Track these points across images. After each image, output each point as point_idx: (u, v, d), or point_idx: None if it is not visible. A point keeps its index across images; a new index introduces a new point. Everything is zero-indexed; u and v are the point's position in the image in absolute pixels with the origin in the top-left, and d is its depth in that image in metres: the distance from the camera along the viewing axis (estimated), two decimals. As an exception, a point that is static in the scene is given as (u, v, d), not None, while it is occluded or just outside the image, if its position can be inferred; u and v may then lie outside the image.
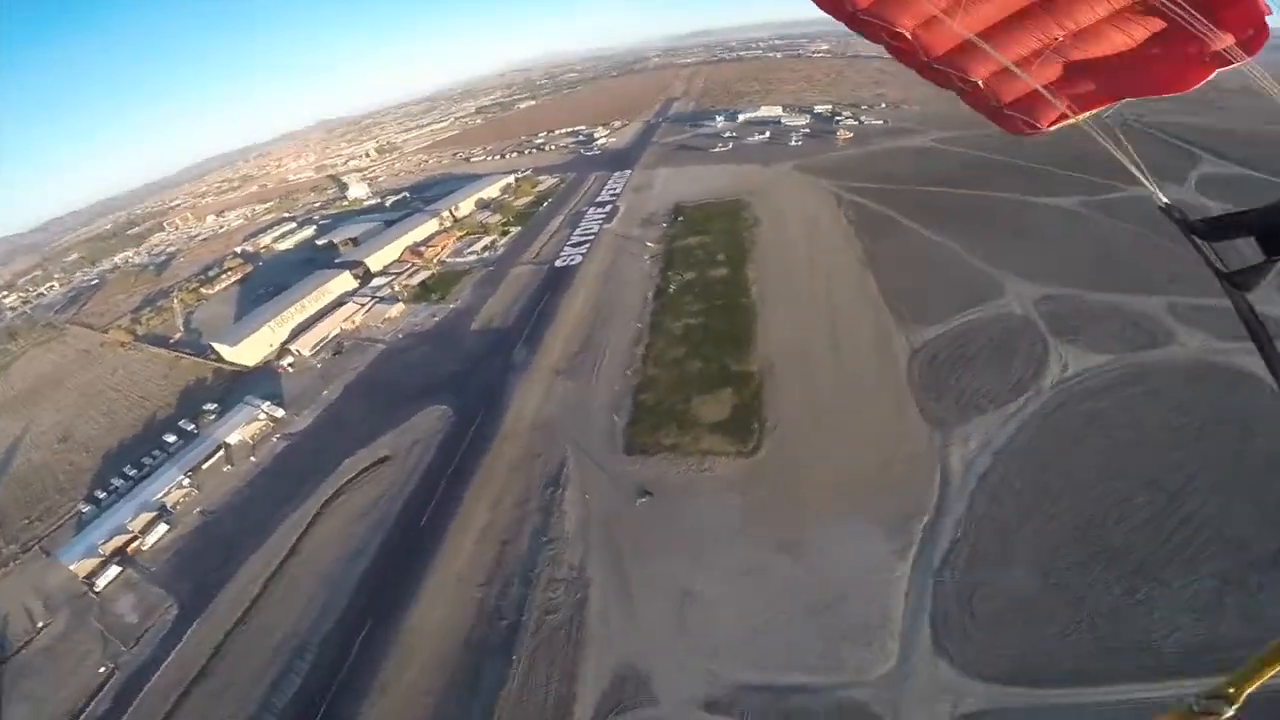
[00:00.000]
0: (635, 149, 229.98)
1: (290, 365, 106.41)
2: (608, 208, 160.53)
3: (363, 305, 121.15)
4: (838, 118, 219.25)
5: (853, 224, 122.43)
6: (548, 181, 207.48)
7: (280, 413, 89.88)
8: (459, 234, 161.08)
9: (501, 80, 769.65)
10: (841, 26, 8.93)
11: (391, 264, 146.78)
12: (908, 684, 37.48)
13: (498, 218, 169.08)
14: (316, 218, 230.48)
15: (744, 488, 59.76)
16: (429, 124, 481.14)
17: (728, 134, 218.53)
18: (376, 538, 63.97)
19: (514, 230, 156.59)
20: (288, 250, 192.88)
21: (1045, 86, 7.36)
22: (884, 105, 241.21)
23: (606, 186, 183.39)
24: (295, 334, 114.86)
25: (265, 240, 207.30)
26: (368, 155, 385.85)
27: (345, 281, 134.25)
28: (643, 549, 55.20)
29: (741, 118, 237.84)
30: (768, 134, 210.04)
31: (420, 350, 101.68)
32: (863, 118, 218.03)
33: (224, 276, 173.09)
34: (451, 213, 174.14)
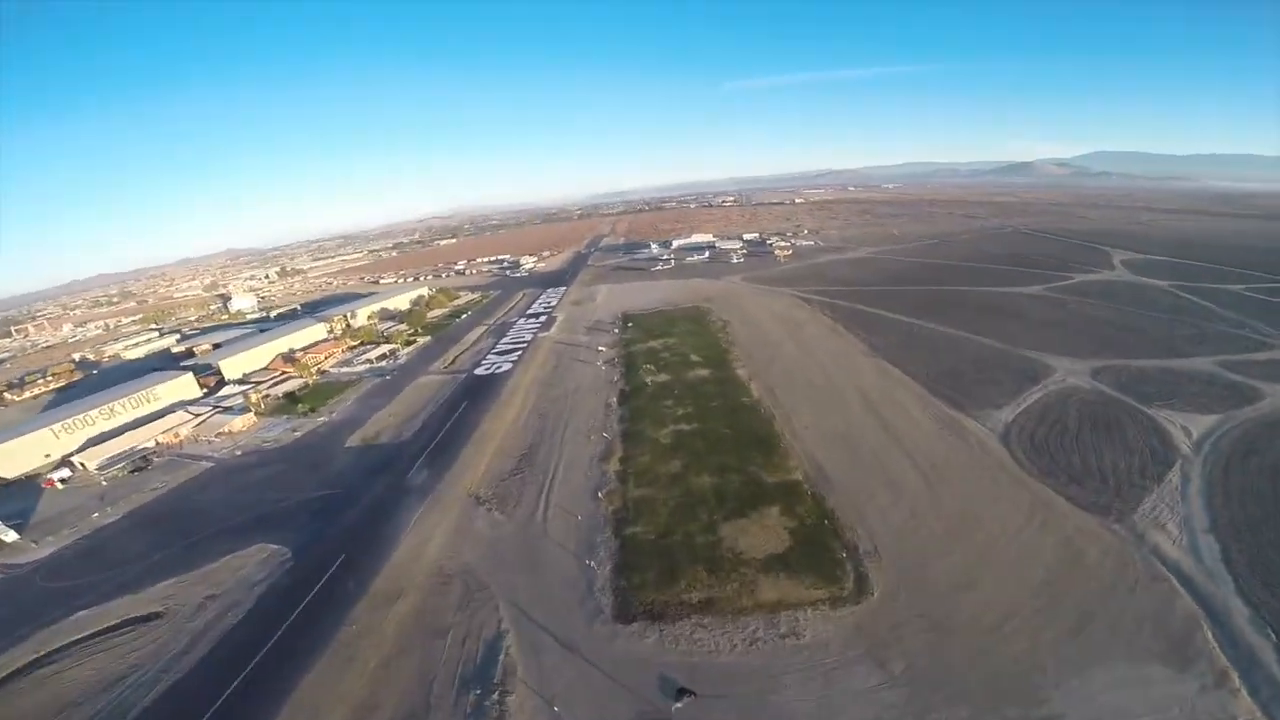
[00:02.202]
0: (568, 272, 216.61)
1: (63, 480, 71.66)
2: (543, 318, 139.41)
3: (197, 415, 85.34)
4: (768, 241, 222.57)
5: (838, 320, 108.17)
6: (468, 296, 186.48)
7: (11, 536, 57.52)
8: (351, 343, 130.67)
9: (422, 224, 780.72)
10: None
11: (256, 371, 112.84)
12: None
13: (403, 327, 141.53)
14: (186, 330, 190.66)
15: (876, 654, 32.44)
16: (340, 255, 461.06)
17: (665, 256, 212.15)
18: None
19: (422, 340, 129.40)
20: (137, 359, 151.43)
21: None
22: (805, 232, 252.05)
23: (539, 300, 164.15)
24: (90, 444, 79.69)
25: (114, 348, 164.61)
26: (268, 277, 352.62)
27: (183, 387, 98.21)
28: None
29: (675, 244, 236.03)
30: (707, 254, 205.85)
31: (264, 470, 67.74)
32: (793, 240, 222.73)
33: (41, 383, 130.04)
34: (346, 319, 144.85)
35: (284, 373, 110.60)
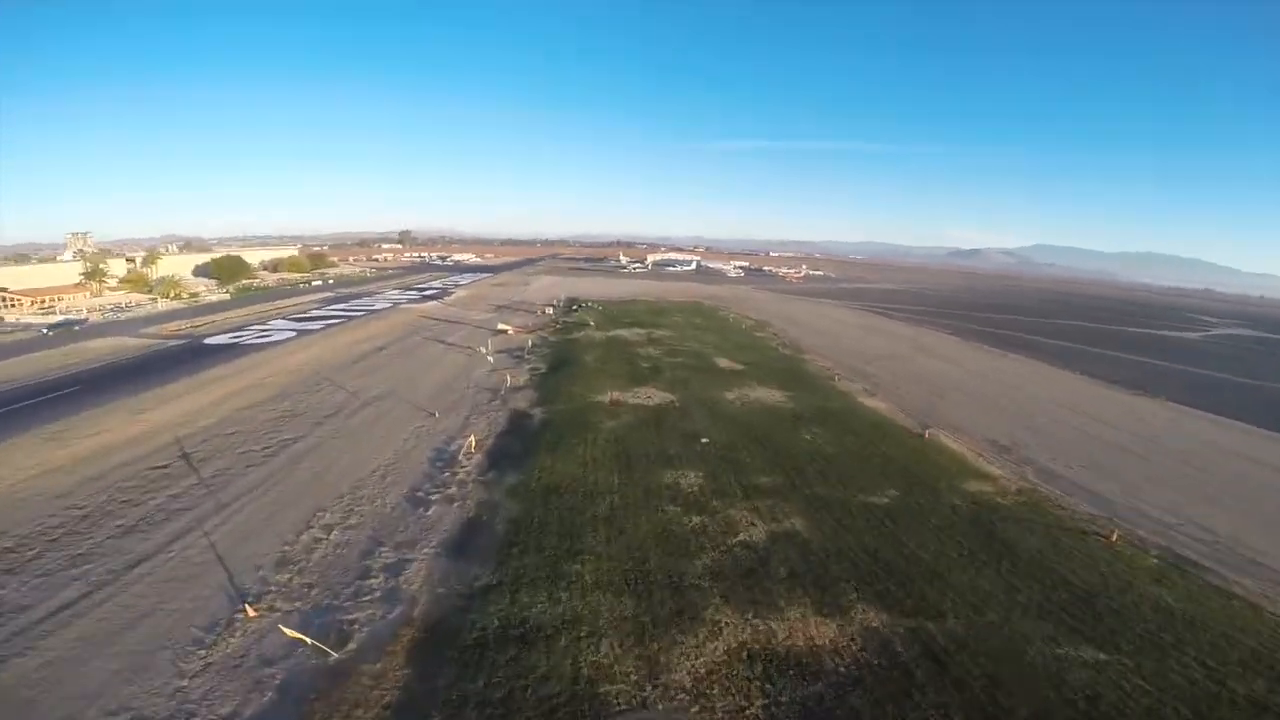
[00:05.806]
0: (508, 267, 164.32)
1: None
2: (431, 291, 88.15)
3: None
4: (766, 268, 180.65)
5: (969, 339, 61.45)
6: (350, 270, 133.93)
7: None
8: (104, 285, 76.08)
9: (378, 235, 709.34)
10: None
11: None
12: None
13: (204, 285, 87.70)
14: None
15: None
16: (269, 249, 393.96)
17: (639, 266, 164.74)
18: None
19: (214, 297, 76.80)
20: None
21: None
22: (803, 267, 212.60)
23: (447, 280, 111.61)
24: None
25: None
26: (165, 249, 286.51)
27: None
28: None
29: (652, 259, 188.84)
30: (694, 266, 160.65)
31: None
32: (798, 271, 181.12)
33: None
34: (131, 263, 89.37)
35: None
